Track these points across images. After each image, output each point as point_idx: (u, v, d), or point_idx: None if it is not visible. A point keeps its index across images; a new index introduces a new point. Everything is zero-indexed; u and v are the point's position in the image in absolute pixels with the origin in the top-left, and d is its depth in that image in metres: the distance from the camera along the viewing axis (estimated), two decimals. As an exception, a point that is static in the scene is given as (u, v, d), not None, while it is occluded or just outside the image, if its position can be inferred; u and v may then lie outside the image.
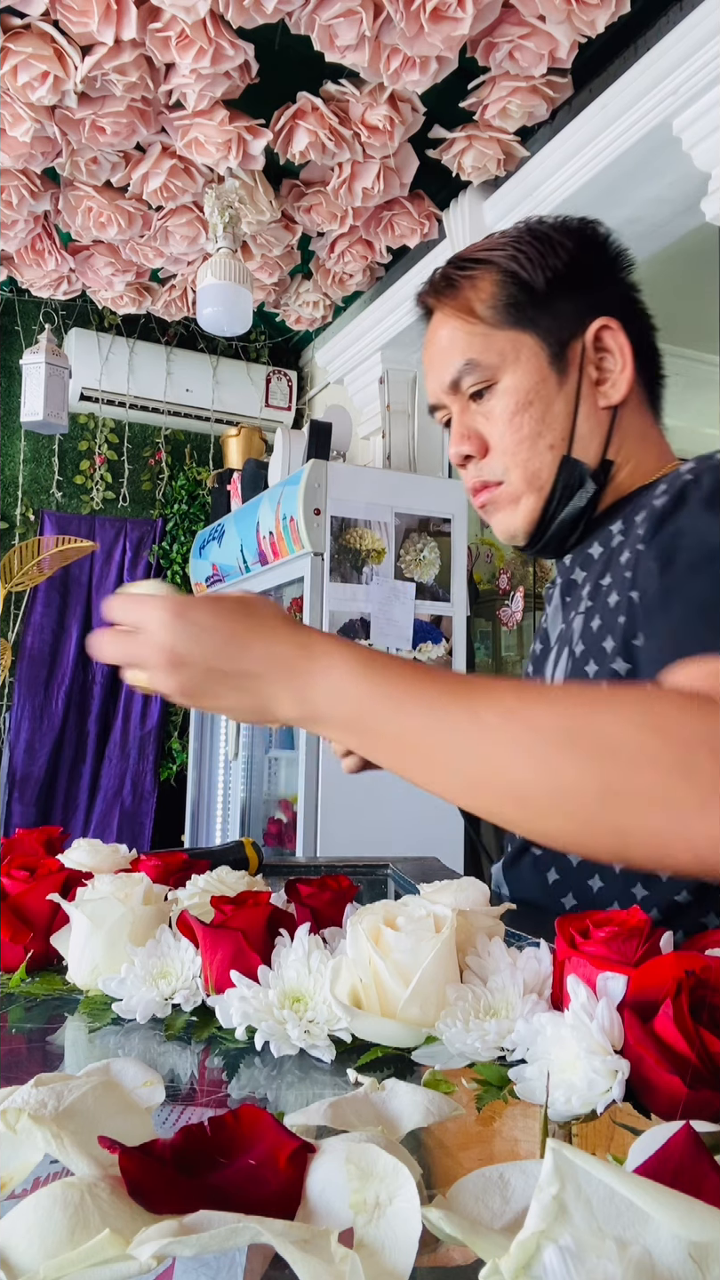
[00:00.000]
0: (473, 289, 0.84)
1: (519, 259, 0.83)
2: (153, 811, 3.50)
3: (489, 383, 0.84)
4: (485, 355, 0.83)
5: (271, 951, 0.55)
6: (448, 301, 0.86)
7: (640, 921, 0.48)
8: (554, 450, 0.84)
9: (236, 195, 2.33)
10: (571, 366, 0.84)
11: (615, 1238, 0.24)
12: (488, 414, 0.85)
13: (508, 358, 0.83)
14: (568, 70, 1.94)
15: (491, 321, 0.83)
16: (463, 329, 0.84)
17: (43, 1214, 0.27)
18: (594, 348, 0.84)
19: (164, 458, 3.71)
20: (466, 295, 0.84)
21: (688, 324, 3.76)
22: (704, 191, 1.91)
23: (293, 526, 2.57)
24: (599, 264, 0.87)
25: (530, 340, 0.83)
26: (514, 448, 0.84)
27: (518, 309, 0.83)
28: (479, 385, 0.84)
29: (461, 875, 0.84)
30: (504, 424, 0.84)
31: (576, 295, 0.84)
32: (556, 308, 0.83)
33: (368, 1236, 0.27)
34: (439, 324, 0.87)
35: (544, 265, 0.83)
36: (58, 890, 0.65)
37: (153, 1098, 0.37)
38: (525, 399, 0.83)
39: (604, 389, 0.85)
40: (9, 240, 2.62)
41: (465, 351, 0.84)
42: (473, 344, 0.84)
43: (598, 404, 0.85)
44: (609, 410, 0.85)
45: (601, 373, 0.85)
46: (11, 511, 3.46)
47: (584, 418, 0.84)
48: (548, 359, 0.83)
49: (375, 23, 1.75)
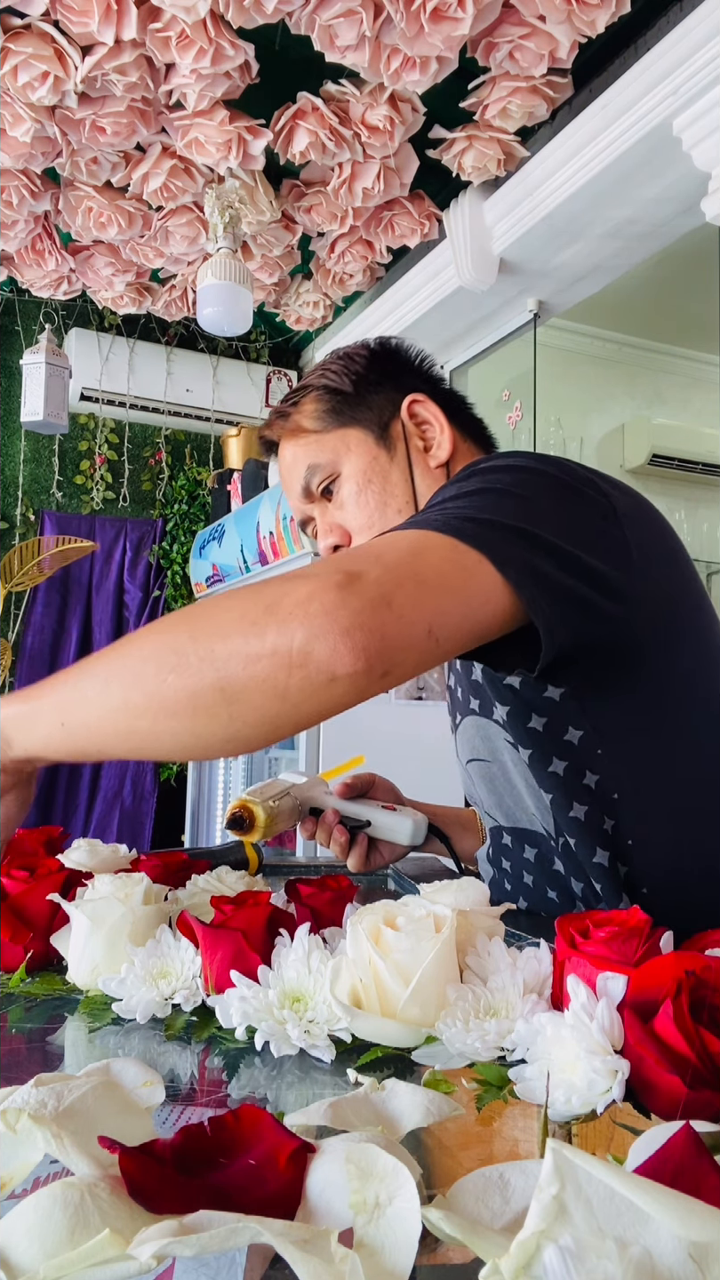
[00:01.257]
0: (299, 412, 0.97)
1: (327, 375, 0.96)
2: (153, 811, 3.50)
3: (332, 476, 0.95)
4: (320, 455, 0.95)
5: (271, 951, 0.55)
6: (282, 429, 0.98)
7: (640, 921, 0.48)
8: (403, 513, 0.92)
9: (237, 195, 2.33)
10: (397, 441, 0.95)
11: (615, 1238, 0.24)
12: (340, 505, 0.95)
13: (340, 452, 0.94)
14: (568, 70, 1.94)
15: (319, 429, 0.95)
16: (299, 444, 0.96)
17: (43, 1214, 0.27)
18: (412, 422, 0.95)
19: (164, 458, 3.71)
20: (295, 419, 0.97)
21: (688, 324, 3.76)
22: (704, 191, 1.91)
23: (293, 526, 2.57)
24: (396, 360, 0.99)
25: (355, 432, 0.94)
26: (368, 523, 0.93)
27: (337, 412, 0.95)
28: (325, 481, 0.95)
29: (461, 875, 0.84)
30: (353, 505, 0.94)
31: (383, 387, 0.96)
32: (369, 400, 0.95)
33: (368, 1236, 0.27)
34: (282, 450, 0.99)
35: (348, 372, 0.96)
36: (58, 890, 0.65)
37: (153, 1098, 0.37)
38: (364, 479, 0.93)
39: (432, 452, 0.95)
40: (9, 240, 2.62)
41: (305, 460, 0.96)
42: (309, 452, 0.96)
43: (430, 465, 0.95)
44: (442, 467, 0.95)
45: (426, 440, 0.96)
46: (11, 511, 3.46)
47: (421, 478, 0.94)
48: (374, 441, 0.94)
49: (375, 23, 1.75)
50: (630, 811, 0.78)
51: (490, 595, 0.63)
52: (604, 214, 2.21)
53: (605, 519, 0.73)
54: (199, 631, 0.58)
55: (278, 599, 0.57)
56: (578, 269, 2.51)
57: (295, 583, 0.58)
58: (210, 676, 0.57)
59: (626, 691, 0.77)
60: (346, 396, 0.95)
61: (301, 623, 0.56)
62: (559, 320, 3.43)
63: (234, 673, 0.57)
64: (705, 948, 0.51)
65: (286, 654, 0.56)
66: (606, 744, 0.78)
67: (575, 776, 0.78)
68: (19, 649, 3.44)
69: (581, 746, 0.78)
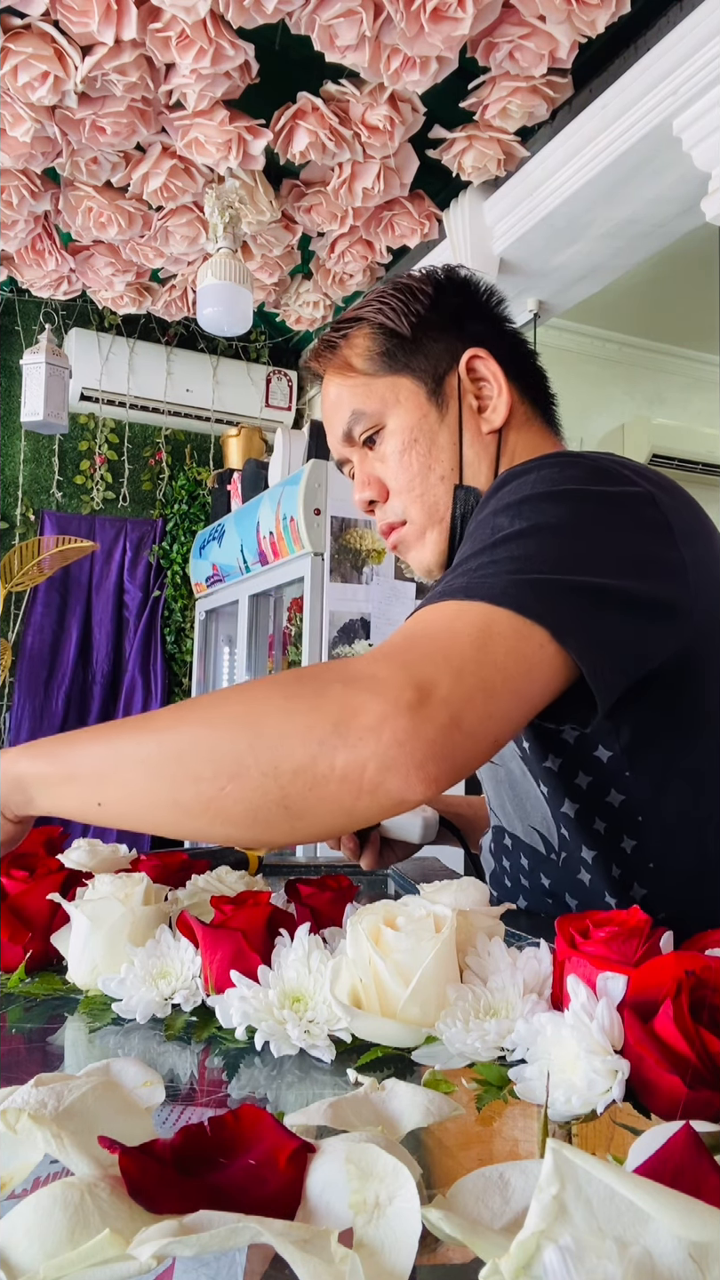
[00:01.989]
0: (349, 347, 0.90)
1: (384, 311, 0.89)
2: (153, 811, 3.49)
3: (377, 428, 0.89)
4: (368, 403, 0.89)
5: (271, 951, 0.55)
6: (330, 363, 0.92)
7: (640, 921, 0.48)
8: (445, 481, 0.88)
9: (237, 195, 2.33)
10: (450, 398, 0.88)
11: (615, 1238, 0.24)
12: (381, 458, 0.90)
13: (389, 402, 0.88)
14: (568, 70, 1.94)
15: (369, 372, 0.89)
16: (346, 384, 0.90)
17: (43, 1214, 0.27)
18: (469, 378, 0.88)
19: (164, 458, 3.72)
20: (344, 354, 0.90)
21: (688, 324, 3.76)
22: (704, 191, 1.91)
23: (293, 526, 2.57)
24: (462, 302, 0.91)
25: (407, 382, 0.88)
26: (408, 485, 0.88)
27: (390, 356, 0.88)
28: (368, 431, 0.89)
29: (461, 875, 0.84)
30: (395, 464, 0.88)
31: (444, 334, 0.88)
32: (426, 348, 0.88)
33: (368, 1236, 0.27)
34: (327, 384, 0.93)
35: (408, 312, 0.88)
36: (58, 890, 0.65)
37: (153, 1098, 0.37)
38: (411, 437, 0.87)
39: (485, 415, 0.89)
40: (9, 240, 2.62)
41: (350, 404, 0.89)
42: (355, 395, 0.89)
43: (481, 430, 0.89)
44: (494, 434, 0.89)
45: (481, 400, 0.89)
46: (11, 511, 3.46)
47: (470, 444, 0.88)
48: (426, 395, 0.88)
49: (375, 23, 1.75)
50: (654, 833, 0.76)
51: (552, 679, 0.61)
52: (604, 214, 2.21)
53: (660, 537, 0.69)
54: (260, 741, 0.56)
55: (346, 718, 0.54)
56: (578, 269, 2.51)
57: (363, 696, 0.55)
58: (274, 794, 0.55)
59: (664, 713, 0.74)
60: (403, 341, 0.88)
61: (374, 752, 0.54)
62: (559, 320, 3.44)
63: (299, 792, 0.55)
64: (705, 948, 0.51)
65: (357, 782, 0.54)
66: (636, 765, 0.75)
67: (599, 793, 0.76)
68: (19, 649, 3.44)
69: (610, 765, 0.76)
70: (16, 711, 3.41)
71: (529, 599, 0.61)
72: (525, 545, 0.65)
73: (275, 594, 3.14)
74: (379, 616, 2.56)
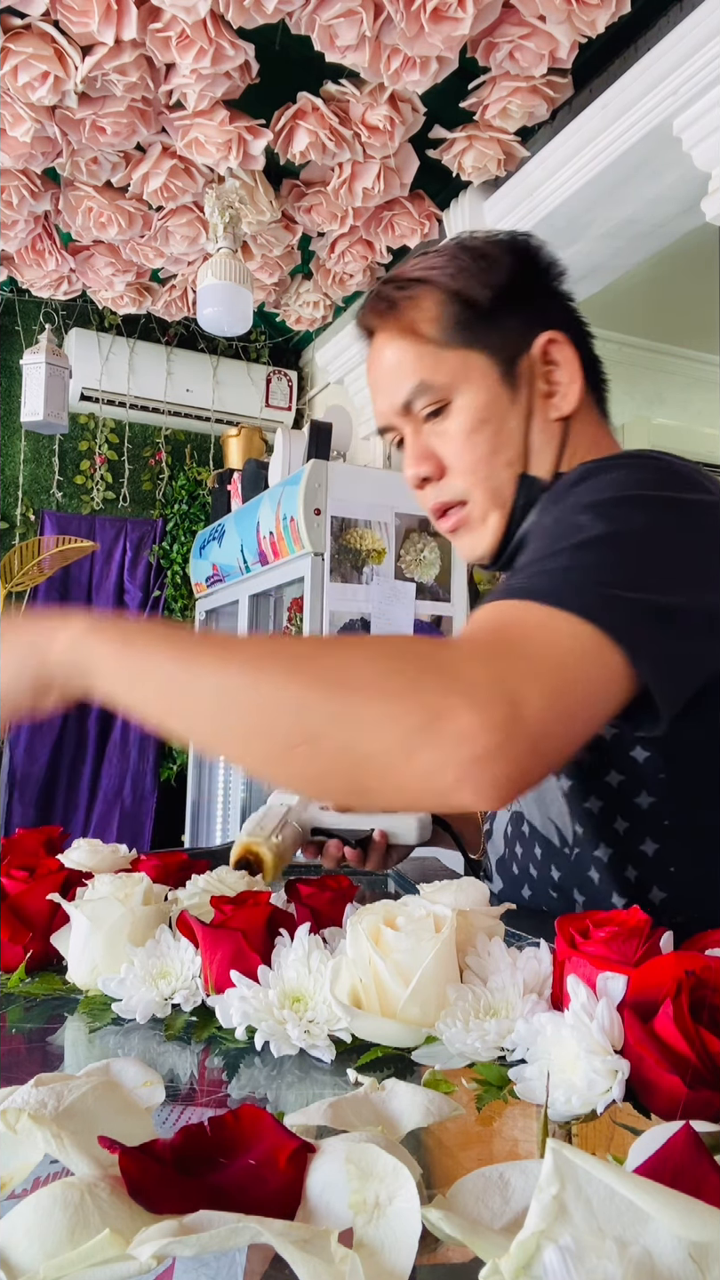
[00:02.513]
0: (416, 309, 0.83)
1: (461, 278, 0.82)
2: (153, 811, 3.50)
3: (442, 403, 0.83)
4: (436, 376, 0.82)
5: (271, 951, 0.55)
6: (391, 323, 0.84)
7: (640, 921, 0.48)
8: (511, 467, 0.83)
9: (237, 195, 2.33)
10: (521, 382, 0.83)
11: (615, 1238, 0.24)
12: (443, 434, 0.84)
13: (459, 377, 0.82)
14: (568, 70, 1.94)
15: (439, 341, 0.82)
16: (410, 350, 0.83)
17: (43, 1214, 0.27)
18: (542, 361, 0.84)
19: (164, 458, 3.71)
20: (410, 315, 0.83)
21: (688, 324, 3.76)
22: (704, 191, 1.91)
23: (293, 526, 2.57)
24: (538, 277, 0.87)
25: (480, 358, 0.82)
26: (473, 467, 0.83)
27: (465, 327, 0.81)
28: (432, 406, 0.83)
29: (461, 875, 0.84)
30: (461, 443, 0.83)
31: (521, 310, 0.83)
32: (503, 324, 0.82)
33: (367, 1236, 0.27)
34: (383, 344, 0.85)
35: (487, 282, 0.82)
36: (58, 890, 0.65)
37: (153, 1098, 0.37)
38: (480, 417, 0.82)
39: (554, 401, 0.84)
40: (9, 240, 2.62)
41: (416, 373, 0.83)
42: (422, 365, 0.82)
43: (549, 417, 0.84)
44: (560, 422, 0.85)
45: (551, 386, 0.84)
46: (11, 511, 3.46)
47: (537, 431, 0.83)
48: (499, 376, 0.82)
49: (375, 23, 1.75)
50: (684, 839, 0.75)
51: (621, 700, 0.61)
52: (604, 214, 2.21)
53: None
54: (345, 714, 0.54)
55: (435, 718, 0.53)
56: (578, 269, 2.51)
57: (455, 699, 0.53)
58: (345, 768, 0.55)
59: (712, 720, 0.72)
60: (479, 312, 0.81)
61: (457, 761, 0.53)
62: (559, 320, 3.42)
63: (370, 774, 0.55)
64: (705, 948, 0.51)
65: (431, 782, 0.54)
66: (673, 769, 0.74)
67: (629, 793, 0.75)
68: (19, 649, 3.43)
69: (646, 766, 0.74)
70: (16, 711, 3.40)
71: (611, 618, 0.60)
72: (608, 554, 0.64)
73: (275, 594, 3.13)
74: (379, 616, 2.56)
